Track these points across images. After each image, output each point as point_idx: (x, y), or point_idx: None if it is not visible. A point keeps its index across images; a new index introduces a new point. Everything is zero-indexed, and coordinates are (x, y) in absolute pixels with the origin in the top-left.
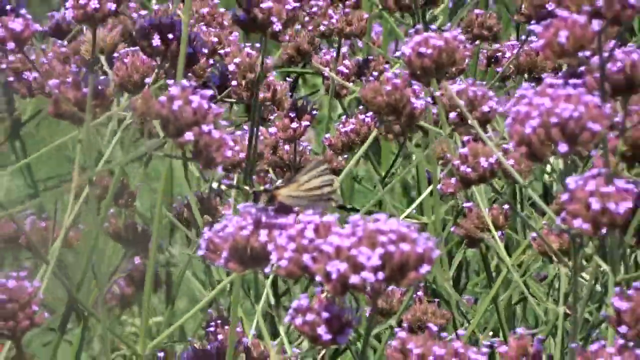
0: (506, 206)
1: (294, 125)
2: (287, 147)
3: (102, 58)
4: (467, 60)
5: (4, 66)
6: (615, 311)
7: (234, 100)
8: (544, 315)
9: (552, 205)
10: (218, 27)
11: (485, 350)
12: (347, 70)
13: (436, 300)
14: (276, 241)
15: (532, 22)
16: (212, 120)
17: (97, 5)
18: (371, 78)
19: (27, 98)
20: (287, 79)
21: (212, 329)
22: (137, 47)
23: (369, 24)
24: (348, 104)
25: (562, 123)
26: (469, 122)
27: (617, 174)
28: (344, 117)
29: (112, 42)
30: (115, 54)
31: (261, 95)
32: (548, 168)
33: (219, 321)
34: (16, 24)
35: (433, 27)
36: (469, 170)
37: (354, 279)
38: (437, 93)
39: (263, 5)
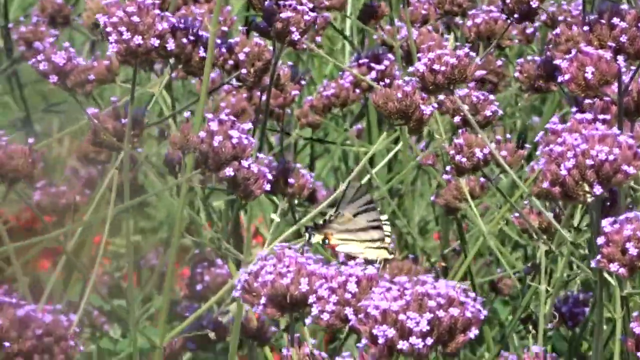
0: (482, 179)
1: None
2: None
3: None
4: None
5: None
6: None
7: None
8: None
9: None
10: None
11: None
12: None
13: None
14: (318, 293)
15: (515, 15)
16: (250, 154)
17: (141, 42)
18: (382, 84)
19: None
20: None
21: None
22: None
23: None
24: None
25: (598, 165)
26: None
27: None
28: (325, 81)
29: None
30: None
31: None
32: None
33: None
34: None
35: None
36: (463, 159)
37: (402, 345)
38: (441, 97)
39: (282, 15)
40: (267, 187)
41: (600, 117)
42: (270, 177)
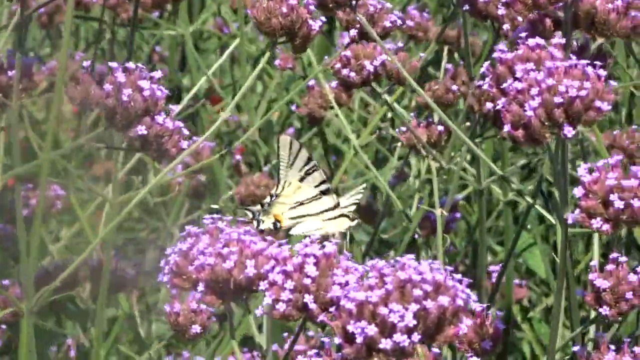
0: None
1: None
2: None
3: None
4: None
5: None
6: (594, 289)
7: None
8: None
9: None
10: None
11: None
12: None
13: None
14: (269, 277)
15: None
16: (164, 107)
17: None
18: None
19: None
20: None
21: None
22: None
23: None
24: None
25: (568, 103)
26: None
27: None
28: None
29: None
30: None
31: None
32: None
33: None
34: None
35: None
36: (352, 74)
37: (384, 344)
38: None
39: None
40: (185, 144)
41: (555, 41)
42: (187, 132)
